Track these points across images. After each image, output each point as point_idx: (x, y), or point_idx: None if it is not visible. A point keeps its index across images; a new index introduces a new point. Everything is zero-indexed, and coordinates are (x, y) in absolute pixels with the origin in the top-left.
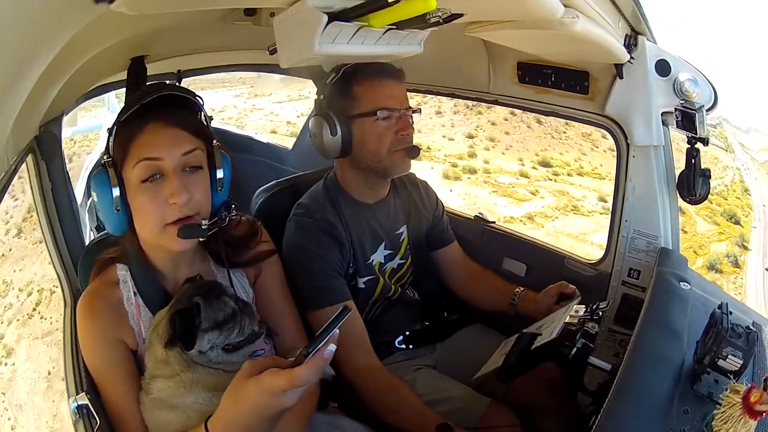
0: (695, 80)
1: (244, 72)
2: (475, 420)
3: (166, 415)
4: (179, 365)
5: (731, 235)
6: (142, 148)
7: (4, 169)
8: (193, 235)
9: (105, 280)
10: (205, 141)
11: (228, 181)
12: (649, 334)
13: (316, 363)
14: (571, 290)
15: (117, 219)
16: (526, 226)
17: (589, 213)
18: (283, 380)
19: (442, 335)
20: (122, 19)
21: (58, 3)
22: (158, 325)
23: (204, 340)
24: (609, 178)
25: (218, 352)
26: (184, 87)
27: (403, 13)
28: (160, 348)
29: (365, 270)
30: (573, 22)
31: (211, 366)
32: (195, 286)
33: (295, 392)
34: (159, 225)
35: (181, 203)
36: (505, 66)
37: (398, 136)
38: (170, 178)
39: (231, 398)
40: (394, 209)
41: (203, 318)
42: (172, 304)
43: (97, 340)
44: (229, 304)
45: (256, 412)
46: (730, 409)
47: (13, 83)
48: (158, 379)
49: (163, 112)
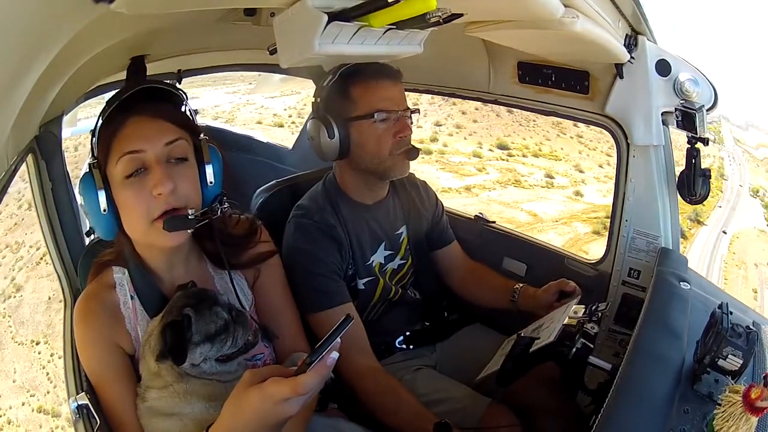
0: (695, 80)
1: (244, 72)
2: (475, 420)
3: (162, 423)
4: (171, 377)
5: (686, 211)
6: (124, 142)
7: (4, 169)
8: (180, 226)
9: (101, 283)
10: (191, 133)
11: (219, 175)
12: (649, 334)
13: (320, 371)
14: (571, 288)
15: (106, 222)
16: (461, 194)
17: (530, 186)
18: (287, 388)
19: (442, 335)
20: (122, 19)
21: (58, 3)
22: (150, 336)
23: (196, 353)
24: (566, 159)
25: (211, 364)
26: (165, 81)
27: (403, 13)
28: (152, 360)
29: (365, 271)
30: (573, 21)
31: (205, 377)
32: (186, 295)
33: (298, 400)
34: (146, 221)
35: (166, 192)
36: (505, 66)
37: (397, 139)
38: (154, 170)
39: (233, 407)
40: (394, 210)
41: (194, 331)
42: (163, 315)
43: (94, 344)
44: (221, 315)
45: (257, 420)
46: (731, 407)
47: (13, 83)
48: (152, 389)
49: (144, 106)
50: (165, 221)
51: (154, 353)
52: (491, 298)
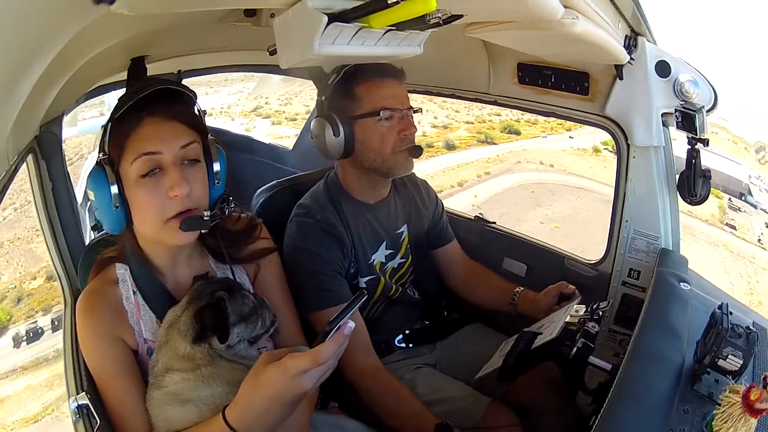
0: (695, 81)
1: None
2: (475, 420)
3: (177, 410)
4: (204, 359)
5: None
6: (140, 142)
7: (4, 169)
8: (196, 226)
9: (104, 279)
10: (201, 134)
11: (224, 175)
12: (649, 334)
13: (338, 340)
14: (570, 290)
15: (115, 217)
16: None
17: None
18: (306, 359)
19: (442, 334)
20: (122, 20)
21: (58, 3)
22: (177, 321)
23: (234, 333)
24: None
25: (244, 345)
26: (176, 81)
27: (403, 14)
28: (184, 343)
29: (366, 270)
30: (573, 23)
31: (236, 360)
32: (211, 282)
33: (316, 373)
34: (160, 220)
35: (183, 195)
36: (505, 67)
37: (401, 136)
38: (170, 171)
39: (250, 383)
40: (395, 209)
41: (230, 312)
42: (190, 301)
43: (97, 339)
44: (249, 298)
45: (274, 395)
46: (730, 408)
47: (13, 83)
48: (175, 372)
49: (159, 107)
50: (183, 222)
51: (187, 336)
52: (491, 298)
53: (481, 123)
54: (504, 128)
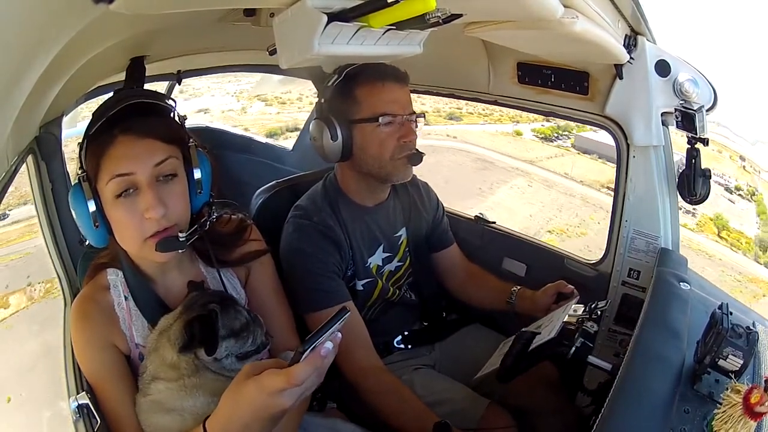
0: (695, 81)
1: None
2: (474, 422)
3: (162, 418)
4: (188, 369)
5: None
6: (114, 162)
7: (4, 170)
8: (171, 248)
9: (96, 285)
10: (179, 145)
11: (207, 182)
12: (649, 334)
13: (313, 361)
14: (569, 290)
15: (97, 233)
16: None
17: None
18: (281, 380)
19: (441, 335)
20: (121, 20)
21: (58, 3)
22: (168, 329)
23: (222, 347)
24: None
25: (232, 360)
26: (151, 91)
27: (403, 14)
28: (171, 352)
29: (364, 272)
30: (572, 22)
31: (223, 373)
32: (205, 294)
33: (293, 393)
34: (139, 239)
35: (157, 217)
36: (504, 66)
37: (400, 143)
38: (144, 192)
39: (230, 398)
40: (394, 211)
41: (221, 325)
42: (183, 310)
43: (91, 344)
44: (242, 314)
45: (254, 411)
46: (730, 409)
47: (13, 83)
48: (160, 381)
49: (132, 122)
50: (157, 244)
51: (175, 345)
52: (490, 300)
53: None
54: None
